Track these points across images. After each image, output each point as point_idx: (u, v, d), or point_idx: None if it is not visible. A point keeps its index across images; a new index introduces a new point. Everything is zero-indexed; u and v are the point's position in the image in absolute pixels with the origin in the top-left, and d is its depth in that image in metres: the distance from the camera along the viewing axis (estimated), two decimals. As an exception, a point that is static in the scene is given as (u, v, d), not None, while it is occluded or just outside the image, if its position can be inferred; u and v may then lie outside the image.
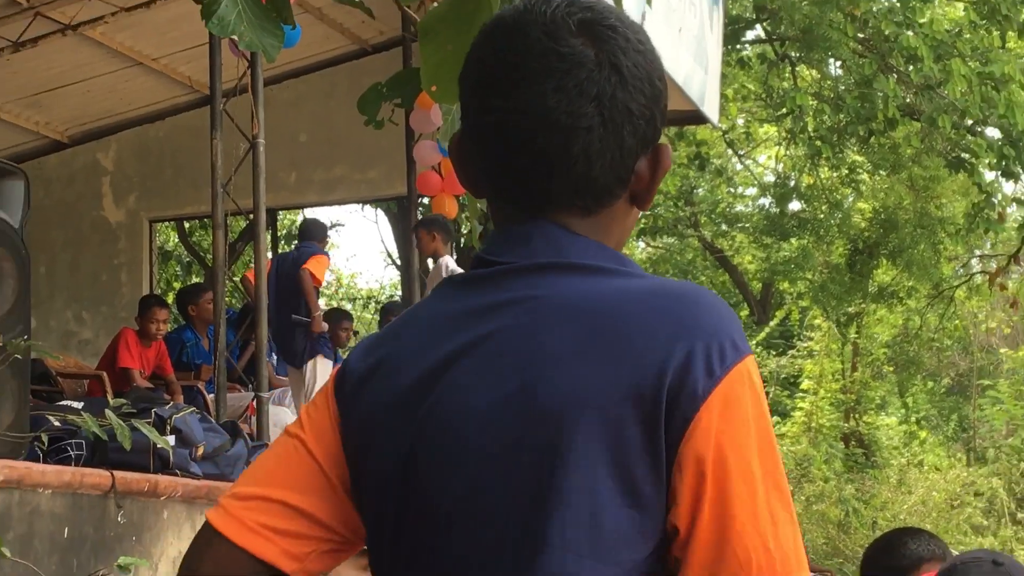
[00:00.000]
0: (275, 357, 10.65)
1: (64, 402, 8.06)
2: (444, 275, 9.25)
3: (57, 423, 6.97)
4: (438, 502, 1.49)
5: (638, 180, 1.56)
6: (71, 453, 6.87)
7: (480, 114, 1.52)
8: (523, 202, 1.56)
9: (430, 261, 10.33)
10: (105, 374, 9.44)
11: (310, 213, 19.96)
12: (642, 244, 25.54)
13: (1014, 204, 20.63)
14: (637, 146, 1.52)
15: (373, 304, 24.84)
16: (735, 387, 1.44)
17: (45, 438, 6.69)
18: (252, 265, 10.61)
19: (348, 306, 22.53)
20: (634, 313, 1.47)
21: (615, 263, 1.56)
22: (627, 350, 1.44)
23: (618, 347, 1.44)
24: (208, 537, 1.59)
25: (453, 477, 1.49)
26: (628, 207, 1.59)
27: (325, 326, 10.59)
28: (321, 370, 10.01)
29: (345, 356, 1.65)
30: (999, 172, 18.10)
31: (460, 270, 9.67)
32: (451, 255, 10.47)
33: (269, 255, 11.99)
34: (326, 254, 10.72)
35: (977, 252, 25.95)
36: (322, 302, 18.35)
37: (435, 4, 2.88)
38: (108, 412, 6.14)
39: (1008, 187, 20.16)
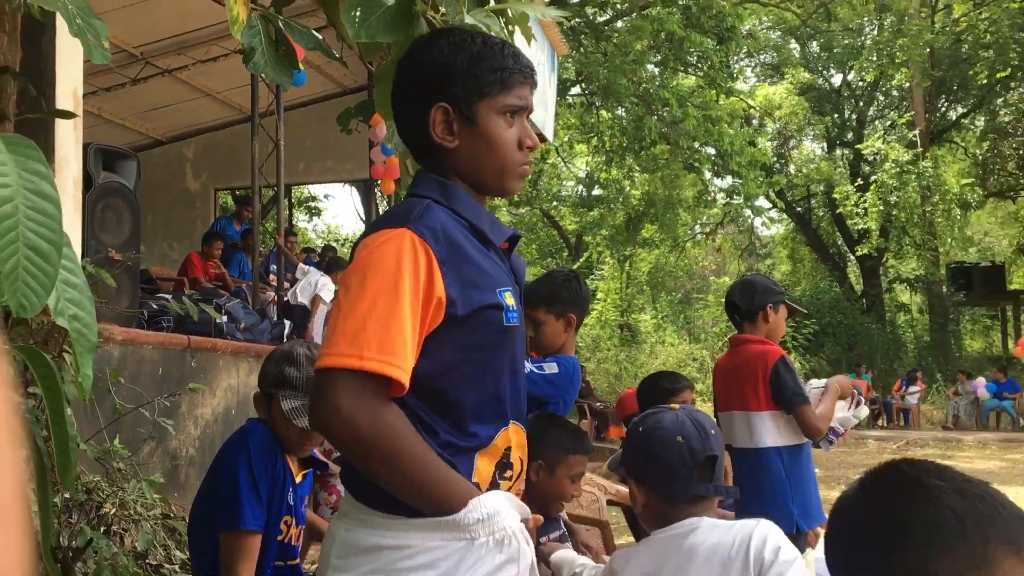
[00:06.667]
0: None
1: (159, 294, 8.36)
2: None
3: (155, 306, 7.24)
4: None
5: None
6: (163, 324, 7.17)
7: None
8: None
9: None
10: (186, 279, 10.37)
11: (310, 188, 22.62)
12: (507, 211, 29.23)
13: (721, 193, 24.63)
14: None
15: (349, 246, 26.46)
16: (371, 241, 1.81)
17: (146, 314, 7.12)
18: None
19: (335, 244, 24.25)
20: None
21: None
22: None
23: None
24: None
25: None
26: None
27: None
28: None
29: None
30: (713, 174, 21.97)
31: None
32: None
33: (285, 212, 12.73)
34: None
35: (699, 221, 30.85)
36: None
37: (384, 61, 2.90)
38: (185, 299, 6.22)
39: (719, 182, 24.51)
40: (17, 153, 1.29)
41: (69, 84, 5.77)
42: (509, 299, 1.92)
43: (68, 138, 5.79)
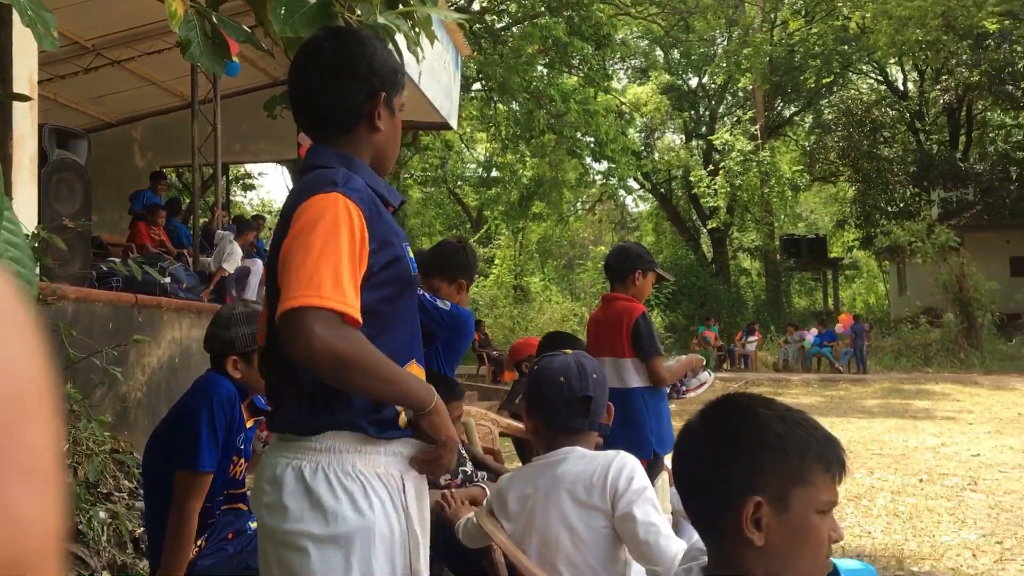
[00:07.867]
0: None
1: (109, 258, 8.07)
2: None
3: (104, 268, 7.11)
4: None
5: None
6: (113, 284, 7.00)
7: None
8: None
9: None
10: (134, 245, 10.25)
11: (245, 167, 22.23)
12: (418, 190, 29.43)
13: (599, 175, 24.97)
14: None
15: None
16: (310, 204, 1.74)
17: (95, 274, 6.96)
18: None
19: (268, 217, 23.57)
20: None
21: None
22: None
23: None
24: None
25: None
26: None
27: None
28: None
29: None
30: (592, 159, 22.08)
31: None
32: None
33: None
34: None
35: (581, 199, 31.37)
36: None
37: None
38: (130, 262, 6.29)
39: (596, 166, 24.61)
40: (-39, 126, 1.21)
41: (25, 71, 5.60)
42: (410, 252, 1.92)
43: (24, 119, 5.62)
